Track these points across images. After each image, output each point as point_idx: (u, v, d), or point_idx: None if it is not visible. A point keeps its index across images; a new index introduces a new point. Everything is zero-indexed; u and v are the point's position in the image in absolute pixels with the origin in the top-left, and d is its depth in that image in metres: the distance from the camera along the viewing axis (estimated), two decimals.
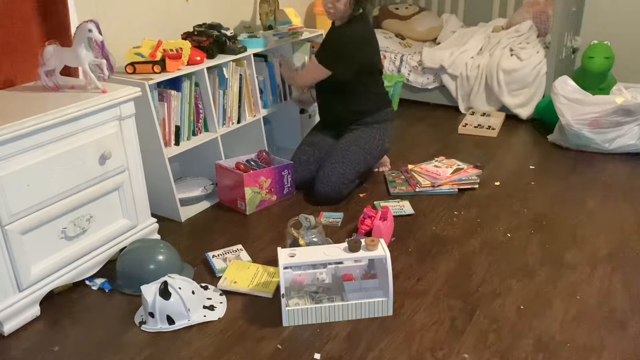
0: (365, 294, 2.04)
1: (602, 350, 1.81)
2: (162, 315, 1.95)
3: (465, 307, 2.03)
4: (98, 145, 2.09)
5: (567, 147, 3.37)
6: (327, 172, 2.76)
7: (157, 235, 2.46)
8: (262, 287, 2.14)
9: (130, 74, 2.52)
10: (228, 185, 2.77)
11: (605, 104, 3.19)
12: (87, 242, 2.15)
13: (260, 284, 2.15)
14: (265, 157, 2.91)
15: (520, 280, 2.17)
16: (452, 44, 4.21)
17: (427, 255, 2.36)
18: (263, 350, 1.85)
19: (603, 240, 2.43)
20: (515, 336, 1.88)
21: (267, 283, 2.16)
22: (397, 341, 1.88)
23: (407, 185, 2.95)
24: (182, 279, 2.03)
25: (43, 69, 2.13)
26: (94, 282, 2.22)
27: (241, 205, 2.73)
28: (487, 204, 2.77)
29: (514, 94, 3.86)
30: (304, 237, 2.23)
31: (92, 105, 2.03)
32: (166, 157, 2.57)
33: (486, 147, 3.46)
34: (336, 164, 2.77)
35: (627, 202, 2.75)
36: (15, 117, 1.83)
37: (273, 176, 2.78)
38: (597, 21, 4.15)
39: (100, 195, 2.16)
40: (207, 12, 3.16)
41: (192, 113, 2.73)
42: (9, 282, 1.91)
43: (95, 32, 2.05)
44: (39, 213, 1.95)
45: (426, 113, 4.09)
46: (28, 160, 1.88)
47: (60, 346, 1.90)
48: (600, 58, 3.69)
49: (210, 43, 2.77)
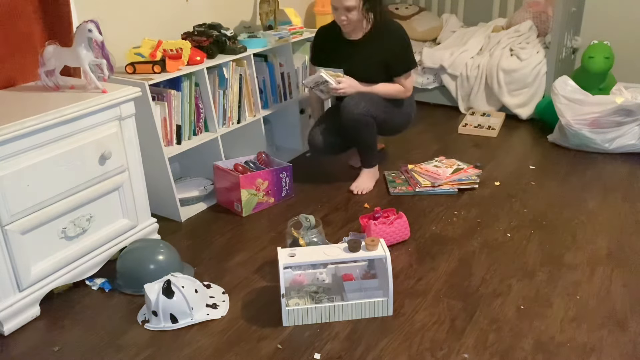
0: (365, 294, 2.04)
1: (602, 350, 1.81)
2: (165, 313, 1.95)
3: (465, 307, 2.03)
4: (98, 145, 2.09)
5: (567, 147, 3.37)
6: (356, 99, 2.75)
7: (157, 235, 2.46)
8: None
9: (130, 74, 2.52)
10: (225, 187, 2.76)
11: (605, 104, 3.19)
12: (87, 242, 2.15)
13: None
14: (264, 158, 2.91)
15: (520, 280, 2.18)
16: (452, 44, 4.21)
17: (427, 255, 2.36)
18: (263, 350, 1.85)
19: (603, 240, 2.43)
20: (515, 336, 1.88)
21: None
22: (397, 341, 1.88)
23: (407, 185, 2.95)
24: (185, 278, 2.04)
25: (43, 69, 2.13)
26: (94, 282, 2.22)
27: (237, 207, 2.72)
28: (487, 204, 2.77)
29: (514, 94, 3.86)
30: (304, 237, 2.23)
31: (92, 105, 2.03)
32: (166, 157, 2.57)
33: (486, 147, 3.46)
34: (366, 95, 2.78)
35: (627, 202, 2.75)
36: (15, 117, 1.83)
37: (270, 178, 2.76)
38: (597, 21, 4.15)
39: (100, 195, 2.16)
40: (207, 12, 3.16)
41: (193, 113, 2.73)
42: (9, 282, 1.91)
43: (95, 32, 2.05)
44: (39, 213, 1.95)
45: (426, 113, 4.09)
46: (28, 160, 1.88)
47: (60, 346, 1.90)
48: (600, 58, 3.69)
49: (210, 43, 2.77)
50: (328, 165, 3.26)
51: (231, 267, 2.32)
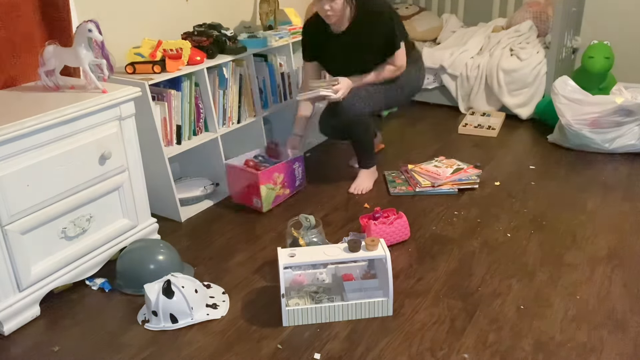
0: (365, 294, 2.04)
1: (602, 350, 1.81)
2: (165, 313, 1.95)
3: (465, 307, 2.03)
4: (98, 145, 2.09)
5: (567, 147, 3.37)
6: (350, 100, 2.73)
7: (157, 235, 2.46)
8: None
9: (130, 74, 2.52)
10: (242, 185, 2.76)
11: (605, 104, 3.19)
12: (87, 242, 2.15)
13: None
14: (274, 148, 2.94)
15: (520, 280, 2.18)
16: (452, 44, 4.21)
17: (427, 255, 2.36)
18: (263, 350, 1.85)
19: (603, 240, 2.43)
20: (515, 336, 1.88)
21: None
22: (397, 341, 1.88)
23: (407, 185, 2.94)
24: (185, 278, 2.04)
25: (43, 69, 2.13)
26: (94, 282, 2.22)
27: (257, 203, 2.72)
28: (487, 204, 2.77)
29: (514, 94, 3.86)
30: (304, 237, 2.23)
31: (92, 105, 2.03)
32: (166, 157, 2.57)
33: (486, 147, 3.46)
34: (360, 91, 2.77)
35: (627, 202, 2.75)
36: (15, 117, 1.83)
37: (285, 171, 2.80)
38: (597, 21, 4.15)
39: (100, 195, 2.16)
40: (207, 12, 3.16)
41: (193, 113, 2.73)
42: (9, 282, 1.91)
43: (95, 32, 2.05)
44: (39, 213, 1.95)
45: (426, 113, 4.09)
46: (28, 160, 1.88)
47: (60, 346, 1.90)
48: (600, 58, 3.69)
49: (210, 43, 2.77)
50: (328, 165, 3.26)
51: (231, 267, 2.32)
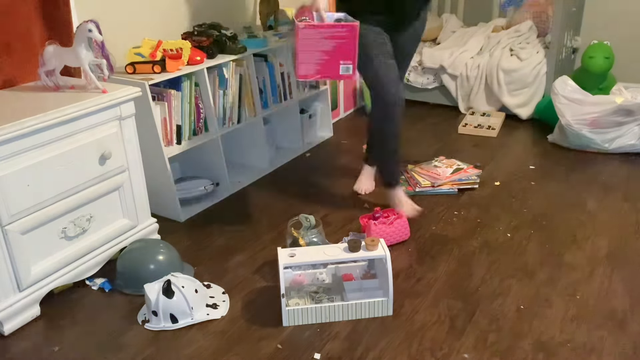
0: (365, 294, 2.04)
1: (602, 350, 1.81)
2: (165, 313, 1.95)
3: (465, 307, 2.03)
4: (98, 145, 2.09)
5: (567, 147, 3.38)
6: (394, 79, 2.39)
7: (157, 235, 2.46)
8: None
9: (130, 74, 2.52)
10: (323, 51, 2.07)
11: (605, 104, 3.19)
12: (87, 242, 2.15)
13: None
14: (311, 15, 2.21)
15: (520, 280, 2.18)
16: (452, 44, 4.21)
17: (427, 255, 2.36)
18: (263, 350, 1.85)
19: (603, 240, 2.43)
20: (515, 336, 1.88)
21: None
22: (397, 341, 1.88)
23: (407, 185, 2.94)
24: (185, 278, 2.04)
25: (43, 69, 2.13)
26: (94, 282, 2.22)
27: (348, 70, 2.11)
28: (487, 204, 2.77)
29: (514, 94, 3.86)
30: (304, 237, 2.23)
31: (92, 105, 2.03)
32: (166, 157, 2.57)
33: (486, 147, 3.46)
34: (402, 73, 2.64)
35: (627, 202, 2.75)
36: (15, 117, 1.83)
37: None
38: (597, 21, 4.15)
39: (100, 195, 2.16)
40: (207, 12, 3.16)
41: (193, 113, 2.73)
42: (9, 282, 1.91)
43: (95, 32, 2.05)
44: (39, 213, 1.95)
45: (426, 113, 4.09)
46: (28, 160, 1.88)
47: (60, 346, 1.90)
48: (600, 58, 3.69)
49: (210, 43, 2.77)
50: (328, 165, 3.26)
51: (231, 267, 2.32)
